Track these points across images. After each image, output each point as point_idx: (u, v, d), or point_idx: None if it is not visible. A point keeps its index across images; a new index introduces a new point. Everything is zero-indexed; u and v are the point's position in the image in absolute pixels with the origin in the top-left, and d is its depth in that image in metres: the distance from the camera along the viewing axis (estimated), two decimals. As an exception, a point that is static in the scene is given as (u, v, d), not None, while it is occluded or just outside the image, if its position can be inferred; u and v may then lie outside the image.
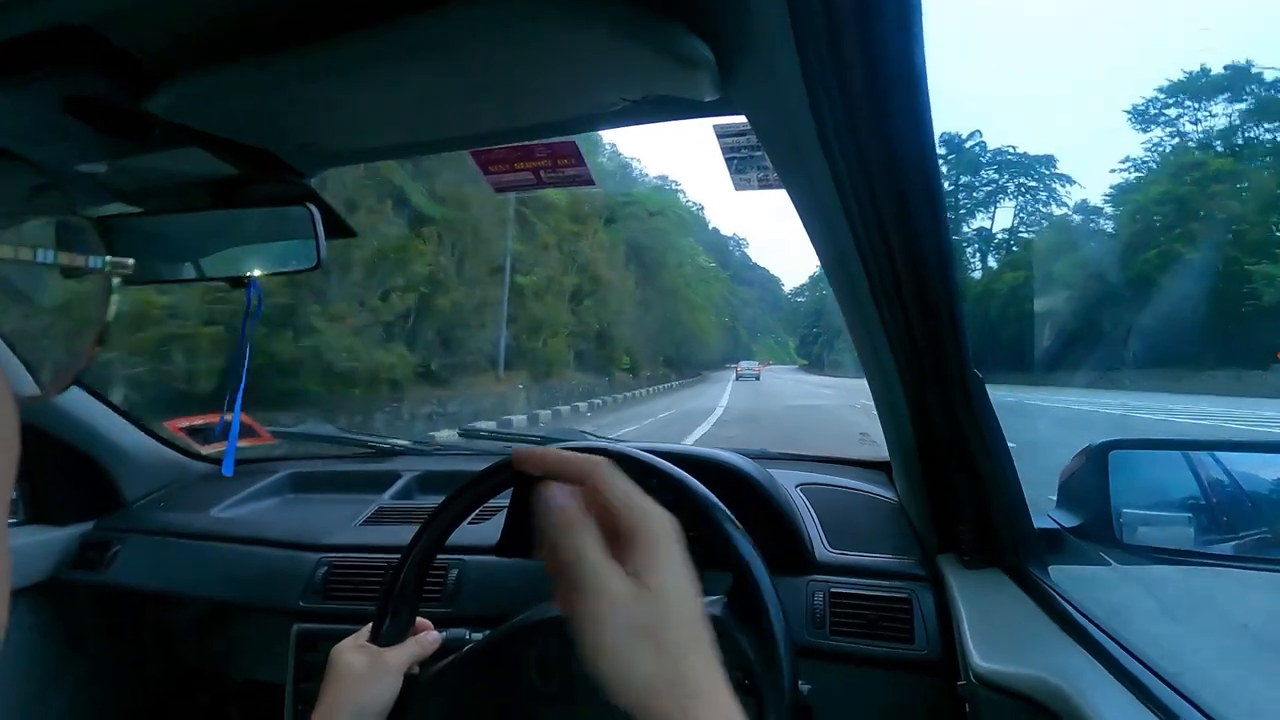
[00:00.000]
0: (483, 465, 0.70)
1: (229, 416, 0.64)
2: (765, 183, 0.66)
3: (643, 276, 26.77)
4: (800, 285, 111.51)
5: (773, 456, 1.26)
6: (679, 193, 55.74)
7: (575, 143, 0.62)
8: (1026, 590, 0.75)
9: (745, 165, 0.66)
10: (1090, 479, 0.84)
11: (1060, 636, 0.65)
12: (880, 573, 0.87)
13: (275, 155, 0.56)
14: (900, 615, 0.82)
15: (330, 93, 0.43)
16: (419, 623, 0.64)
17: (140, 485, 1.30)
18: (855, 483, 1.09)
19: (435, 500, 0.75)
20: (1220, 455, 0.93)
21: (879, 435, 0.97)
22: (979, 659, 0.63)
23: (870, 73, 0.41)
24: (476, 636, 0.78)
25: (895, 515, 1.00)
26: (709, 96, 0.44)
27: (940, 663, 0.77)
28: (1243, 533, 0.87)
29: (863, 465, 1.22)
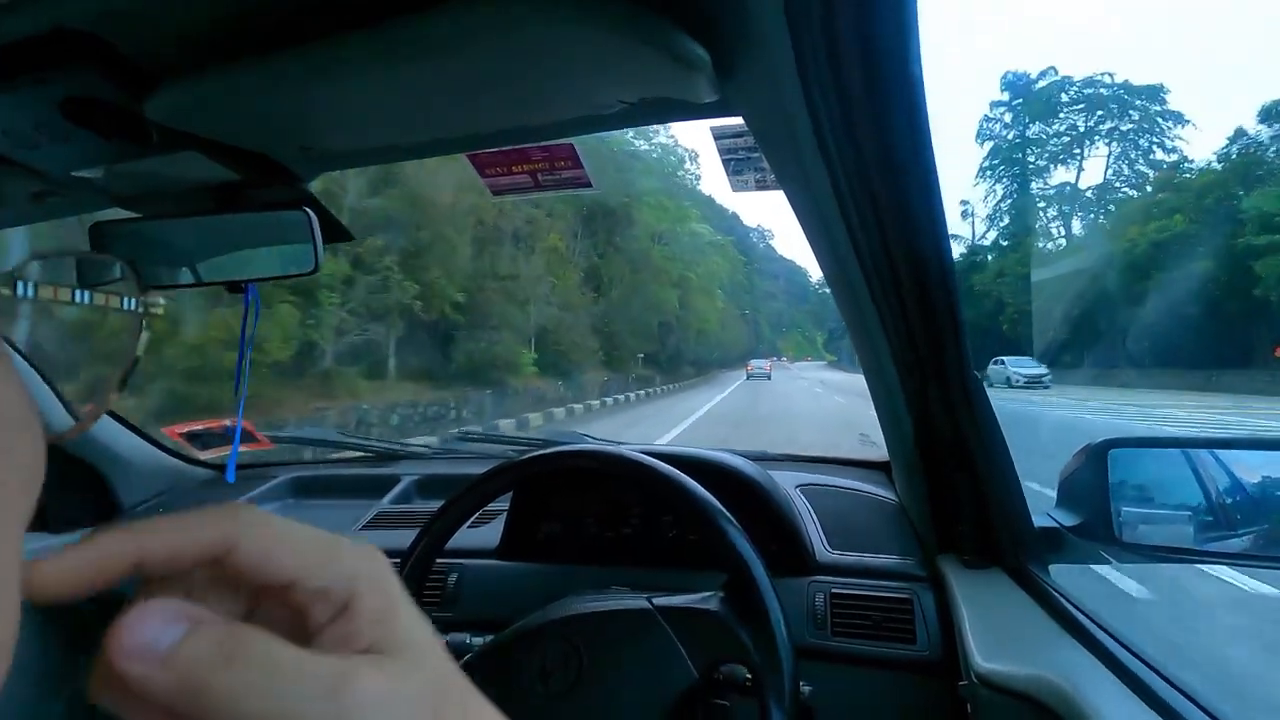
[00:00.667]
0: (482, 468, 0.70)
1: (227, 422, 0.64)
2: (763, 184, 0.66)
3: (604, 246, 20.23)
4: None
5: (772, 457, 1.26)
6: (672, 140, 34.62)
7: (572, 145, 0.62)
8: (1027, 590, 0.75)
9: (743, 167, 0.66)
10: (1090, 478, 0.83)
11: (1061, 636, 0.65)
12: (881, 573, 0.87)
13: (273, 159, 0.56)
14: (901, 616, 0.82)
15: (328, 95, 0.43)
16: None
17: (138, 491, 1.29)
18: (855, 483, 1.09)
19: (435, 504, 0.75)
20: (1220, 453, 0.92)
21: (879, 435, 0.97)
22: (980, 659, 0.63)
23: (867, 75, 0.41)
24: (477, 641, 0.78)
25: (895, 515, 1.00)
26: (706, 98, 0.44)
27: (941, 663, 0.77)
28: (1243, 530, 0.87)
29: (863, 465, 1.22)
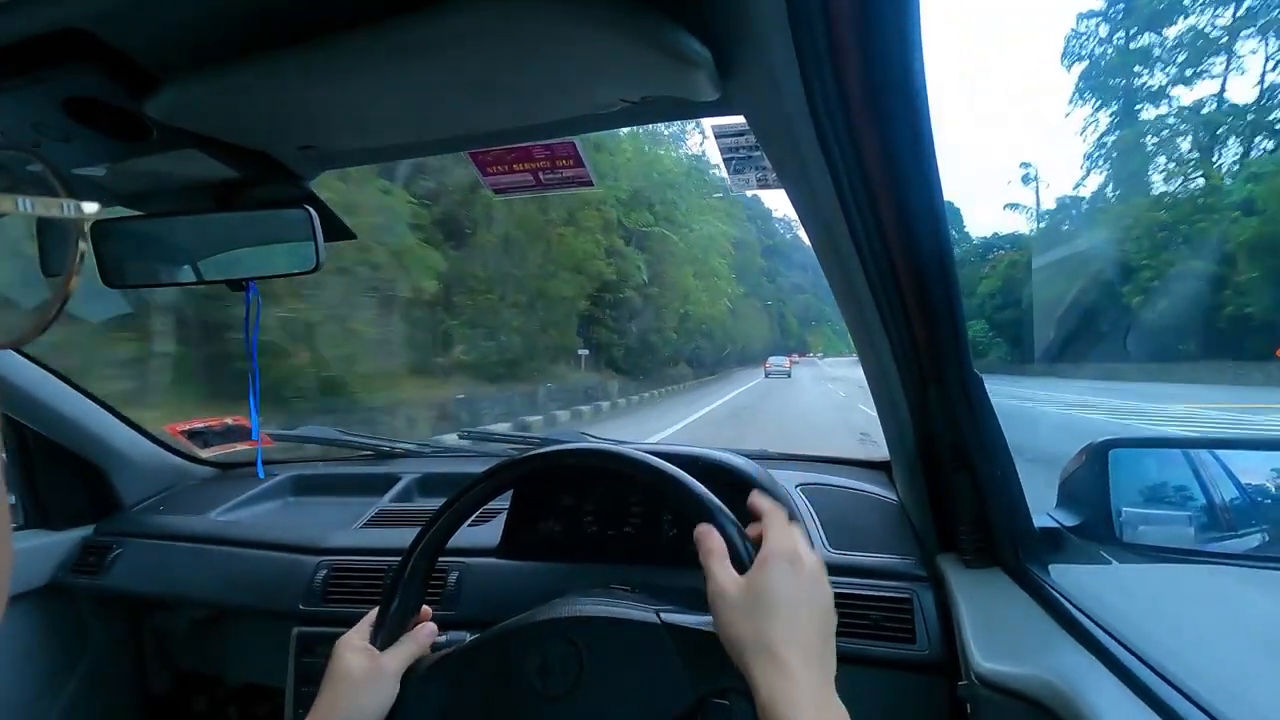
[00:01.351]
0: (481, 467, 0.70)
1: (229, 420, 0.64)
2: (764, 183, 0.66)
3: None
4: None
5: (772, 456, 1.26)
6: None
7: (574, 143, 0.62)
8: (1027, 590, 0.75)
9: (744, 165, 0.66)
10: (1090, 478, 0.83)
11: (1061, 636, 0.65)
12: (881, 573, 0.87)
13: (274, 158, 0.56)
14: (901, 615, 0.82)
15: (329, 94, 0.43)
16: (420, 613, 0.65)
17: (140, 489, 1.29)
18: (855, 483, 1.09)
19: (435, 502, 0.75)
20: (1220, 453, 0.93)
21: (879, 435, 0.97)
22: (980, 659, 0.63)
23: (868, 73, 0.41)
24: None
25: (895, 515, 1.00)
26: (708, 97, 0.44)
27: (941, 663, 0.77)
28: (1243, 531, 0.87)
29: (863, 465, 1.22)
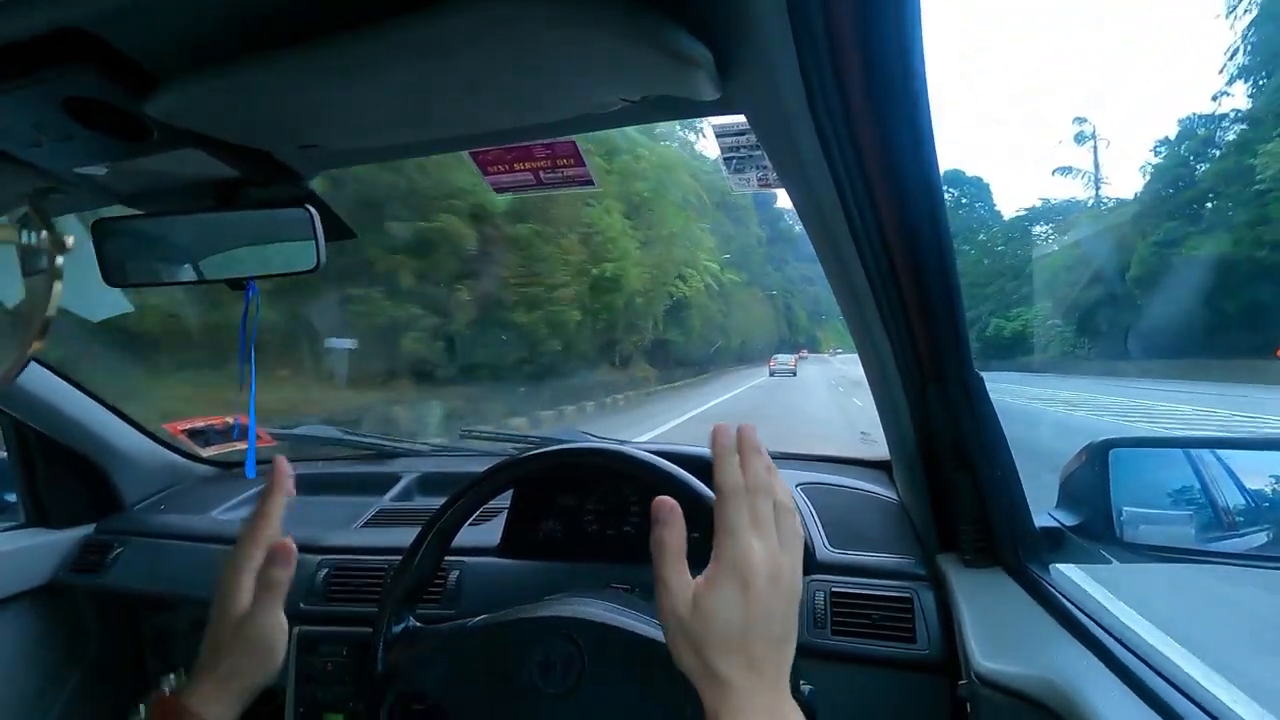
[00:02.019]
0: (481, 466, 0.70)
1: (230, 419, 0.64)
2: (765, 182, 0.66)
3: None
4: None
5: (773, 455, 1.25)
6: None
7: (575, 143, 0.62)
8: (1027, 589, 0.75)
9: (744, 165, 0.66)
10: (1091, 477, 0.83)
11: (1061, 635, 0.65)
12: (881, 572, 0.87)
13: (274, 157, 0.56)
14: (901, 615, 0.82)
15: (330, 93, 0.43)
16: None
17: (141, 488, 1.29)
18: (856, 482, 1.09)
19: (435, 501, 0.75)
20: (1221, 453, 0.92)
21: (880, 435, 0.97)
22: (980, 658, 0.63)
23: (869, 73, 0.41)
24: None
25: (896, 514, 1.00)
26: (708, 96, 0.44)
27: (942, 662, 0.77)
28: (1244, 530, 0.87)
29: (863, 464, 1.22)
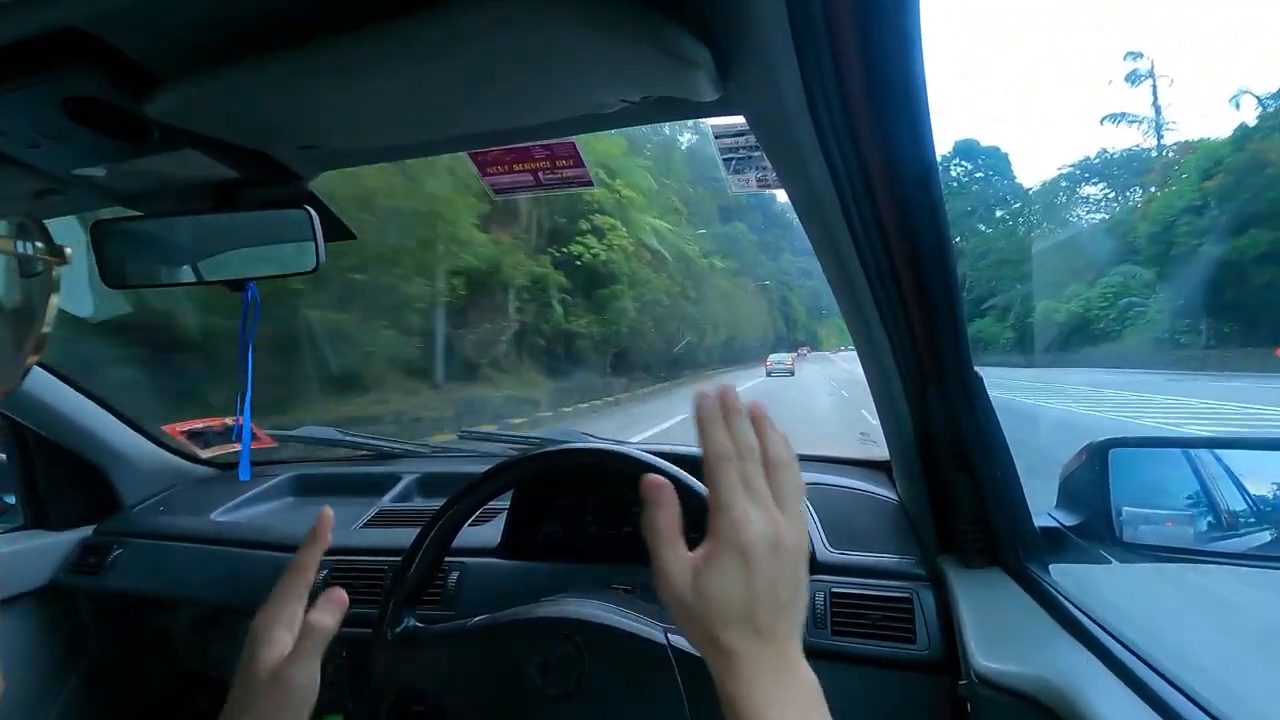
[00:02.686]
0: (480, 467, 0.70)
1: (230, 420, 0.64)
2: (764, 183, 0.66)
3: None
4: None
5: None
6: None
7: (574, 143, 0.62)
8: (1027, 589, 0.75)
9: (744, 165, 0.66)
10: (1090, 477, 0.83)
11: (1061, 636, 0.65)
12: (881, 572, 0.87)
13: (274, 158, 0.56)
14: (901, 615, 0.82)
15: (329, 94, 0.43)
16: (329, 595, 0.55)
17: (140, 490, 1.29)
18: (856, 482, 1.09)
19: (435, 502, 0.75)
20: (1221, 453, 0.92)
21: (880, 434, 0.97)
22: (980, 659, 0.63)
23: (869, 73, 0.41)
24: None
25: (896, 515, 0.99)
26: (708, 97, 0.44)
27: (942, 662, 0.77)
28: (1243, 530, 0.87)
29: (863, 465, 1.22)
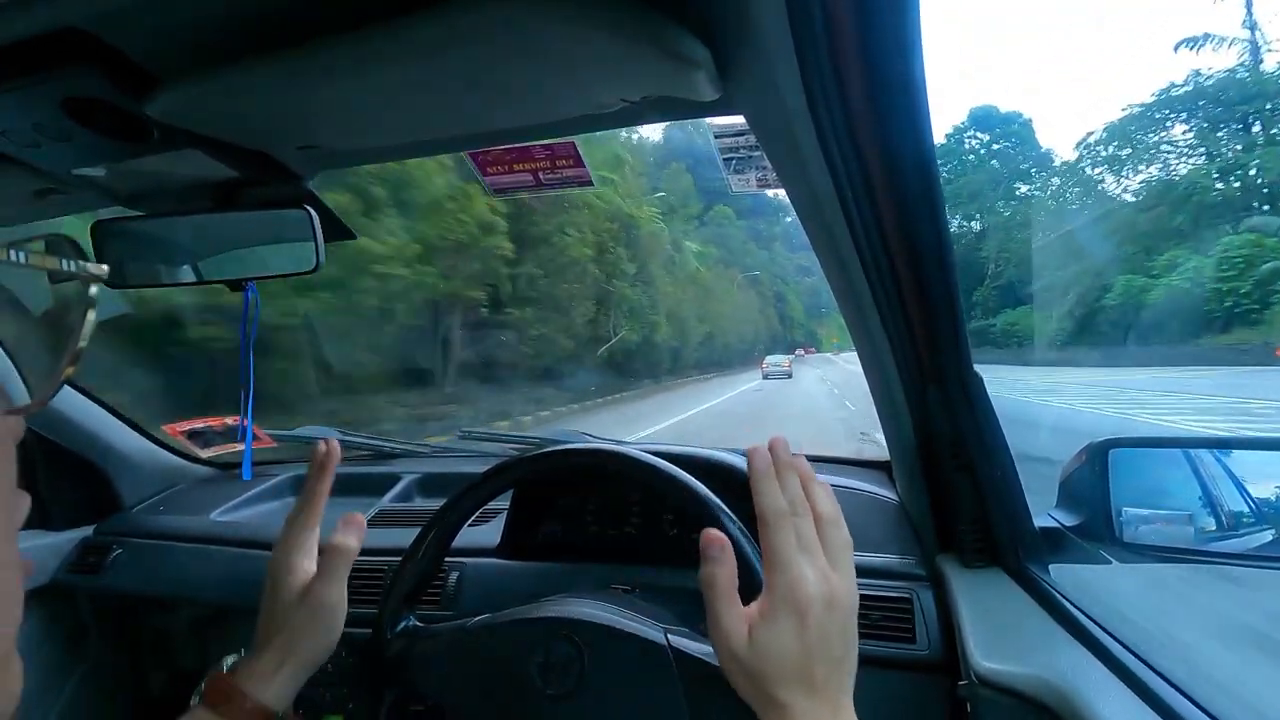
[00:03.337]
0: (480, 467, 0.70)
1: (230, 420, 0.64)
2: (764, 183, 0.66)
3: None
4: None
5: None
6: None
7: (574, 143, 0.62)
8: (1027, 590, 0.75)
9: (744, 165, 0.66)
10: (1090, 477, 0.83)
11: (1061, 636, 0.65)
12: (880, 572, 0.87)
13: (274, 158, 0.56)
14: (901, 615, 0.82)
15: (329, 94, 0.43)
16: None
17: (140, 489, 1.29)
18: (855, 482, 1.09)
19: (435, 502, 0.75)
20: (1221, 453, 0.92)
21: (880, 434, 0.97)
22: (980, 659, 0.63)
23: (869, 73, 0.41)
24: None
25: (895, 515, 0.99)
26: (708, 97, 0.44)
27: (941, 663, 0.77)
28: (1244, 531, 0.87)
29: (863, 465, 1.22)
